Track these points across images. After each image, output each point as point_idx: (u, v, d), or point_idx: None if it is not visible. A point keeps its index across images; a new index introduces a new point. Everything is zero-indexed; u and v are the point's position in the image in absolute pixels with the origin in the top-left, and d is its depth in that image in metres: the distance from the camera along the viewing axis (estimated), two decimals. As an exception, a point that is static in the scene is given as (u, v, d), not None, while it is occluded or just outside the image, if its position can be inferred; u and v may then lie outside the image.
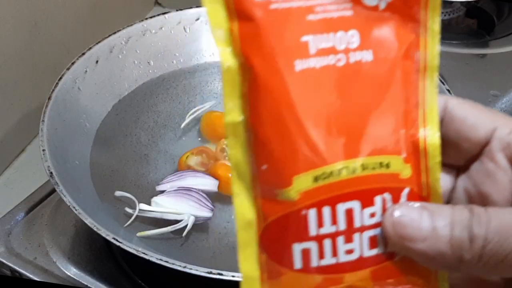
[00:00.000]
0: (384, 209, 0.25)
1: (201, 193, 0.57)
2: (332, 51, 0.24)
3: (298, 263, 0.24)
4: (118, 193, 0.58)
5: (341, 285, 0.25)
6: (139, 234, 0.54)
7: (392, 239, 0.24)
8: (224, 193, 0.60)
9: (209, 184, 0.59)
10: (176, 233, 0.55)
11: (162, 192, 0.58)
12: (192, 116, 0.68)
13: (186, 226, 0.55)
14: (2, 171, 0.91)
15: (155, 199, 0.57)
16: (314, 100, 0.24)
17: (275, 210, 0.24)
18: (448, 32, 0.98)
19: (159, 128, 0.67)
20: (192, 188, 0.58)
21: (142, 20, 0.70)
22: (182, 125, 0.67)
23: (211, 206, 0.57)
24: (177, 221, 0.55)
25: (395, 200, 0.25)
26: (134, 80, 0.70)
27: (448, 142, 0.27)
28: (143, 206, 0.56)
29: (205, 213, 0.56)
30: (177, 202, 0.56)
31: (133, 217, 0.55)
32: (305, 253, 0.24)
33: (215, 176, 0.60)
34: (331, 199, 0.24)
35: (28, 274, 0.57)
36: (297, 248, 0.24)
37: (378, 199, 0.25)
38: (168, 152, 0.65)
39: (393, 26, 0.25)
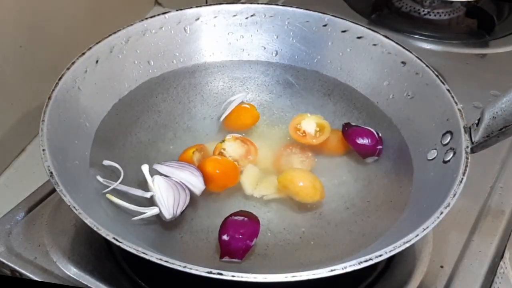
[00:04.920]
0: None
1: (188, 198, 0.57)
2: None
3: None
4: (106, 162, 0.60)
5: None
6: (108, 195, 0.56)
7: None
8: (212, 190, 0.59)
9: (196, 186, 0.58)
10: (133, 213, 0.56)
11: (158, 172, 0.59)
12: (228, 108, 0.69)
13: (144, 213, 0.55)
14: (2, 171, 0.91)
15: (157, 166, 0.59)
16: None
17: None
18: (448, 32, 0.98)
19: (159, 128, 0.67)
20: (193, 190, 0.58)
21: (142, 20, 0.70)
22: (221, 118, 0.68)
23: (175, 214, 0.56)
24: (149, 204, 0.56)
25: None
26: (134, 80, 0.70)
27: None
28: (144, 168, 0.57)
29: (166, 213, 0.56)
30: (166, 188, 0.56)
31: (116, 184, 0.57)
32: None
33: (203, 171, 0.60)
34: None
35: (28, 274, 0.57)
36: None
37: None
38: (168, 151, 0.65)
39: None
